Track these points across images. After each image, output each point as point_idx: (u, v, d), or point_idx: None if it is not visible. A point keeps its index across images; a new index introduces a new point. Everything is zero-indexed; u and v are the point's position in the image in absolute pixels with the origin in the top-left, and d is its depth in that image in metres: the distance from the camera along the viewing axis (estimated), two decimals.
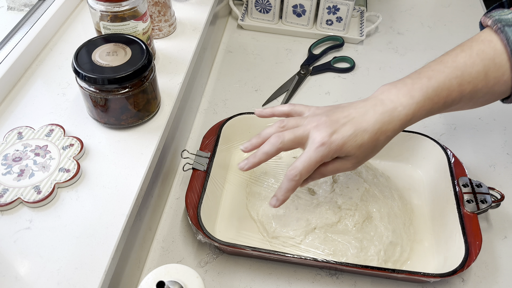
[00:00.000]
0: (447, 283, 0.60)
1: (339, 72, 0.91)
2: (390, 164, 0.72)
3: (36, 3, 0.71)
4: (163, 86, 0.64)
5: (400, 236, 0.61)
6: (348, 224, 0.61)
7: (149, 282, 0.46)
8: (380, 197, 0.64)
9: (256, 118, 0.70)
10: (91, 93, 0.54)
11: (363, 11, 1.03)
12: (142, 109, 0.57)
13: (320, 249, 0.59)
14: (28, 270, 0.45)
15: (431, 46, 0.98)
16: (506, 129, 0.80)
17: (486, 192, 0.62)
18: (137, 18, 0.61)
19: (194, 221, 0.57)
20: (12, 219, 0.49)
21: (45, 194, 0.50)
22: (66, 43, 0.70)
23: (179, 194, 0.69)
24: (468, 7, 1.10)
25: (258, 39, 0.99)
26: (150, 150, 0.56)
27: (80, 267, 0.45)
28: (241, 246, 0.56)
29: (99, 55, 0.54)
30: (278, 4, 0.97)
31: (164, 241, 0.63)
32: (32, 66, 0.66)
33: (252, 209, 0.65)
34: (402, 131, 0.69)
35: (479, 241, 0.57)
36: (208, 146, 0.66)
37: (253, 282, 0.59)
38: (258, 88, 0.87)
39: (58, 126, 0.57)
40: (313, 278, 0.60)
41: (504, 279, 0.61)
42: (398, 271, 0.55)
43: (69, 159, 0.53)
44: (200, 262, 0.61)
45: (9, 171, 0.51)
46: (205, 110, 0.82)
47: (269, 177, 0.67)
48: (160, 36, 0.73)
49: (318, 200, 0.63)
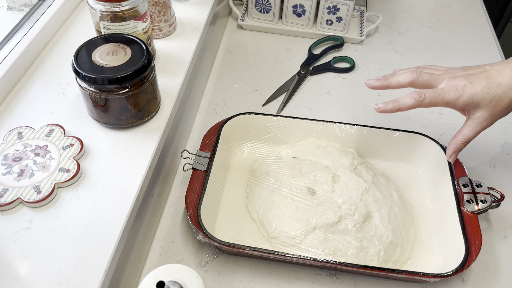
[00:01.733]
0: (447, 283, 0.60)
1: (339, 72, 0.91)
2: (390, 164, 0.72)
3: (36, 3, 0.71)
4: (163, 86, 0.64)
5: (400, 236, 0.61)
6: (348, 224, 0.61)
7: (149, 282, 0.46)
8: (380, 197, 0.64)
9: (256, 118, 0.71)
10: (91, 93, 0.54)
11: (363, 11, 1.03)
12: (142, 109, 0.57)
13: (320, 249, 0.59)
14: (28, 270, 0.45)
15: (431, 46, 0.98)
16: (506, 129, 0.80)
17: (486, 192, 0.62)
18: (137, 18, 0.61)
19: (194, 221, 0.57)
20: (12, 219, 0.49)
21: (45, 194, 0.50)
22: (66, 43, 0.70)
23: (179, 194, 0.69)
24: (468, 7, 1.10)
25: (258, 39, 0.99)
26: (150, 150, 0.56)
27: (80, 267, 0.45)
28: (241, 246, 0.56)
29: (99, 55, 0.54)
30: (278, 4, 0.97)
31: (164, 241, 0.63)
32: (32, 66, 0.66)
33: (252, 209, 0.65)
34: (402, 131, 0.70)
35: (479, 241, 0.57)
36: (208, 146, 0.66)
37: (253, 282, 0.59)
38: (258, 88, 0.87)
39: (58, 126, 0.57)
40: (313, 278, 0.60)
41: (504, 279, 0.61)
42: (398, 271, 0.55)
43: (69, 159, 0.53)
44: (200, 262, 0.61)
45: (9, 171, 0.51)
46: (205, 110, 0.82)
47: (269, 177, 0.67)
48: (160, 36, 0.73)
49: (318, 200, 0.63)
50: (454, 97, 0.56)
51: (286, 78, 0.88)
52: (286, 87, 0.86)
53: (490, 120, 0.58)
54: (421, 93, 0.57)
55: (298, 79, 0.88)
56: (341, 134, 0.71)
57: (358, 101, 0.85)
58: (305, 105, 0.84)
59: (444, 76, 0.58)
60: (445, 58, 0.95)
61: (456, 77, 0.57)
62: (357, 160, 0.69)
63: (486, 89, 0.56)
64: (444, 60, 0.94)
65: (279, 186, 0.65)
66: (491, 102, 0.56)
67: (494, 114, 0.57)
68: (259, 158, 0.72)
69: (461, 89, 0.56)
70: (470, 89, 0.56)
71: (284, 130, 0.72)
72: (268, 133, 0.72)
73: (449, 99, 0.57)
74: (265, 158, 0.71)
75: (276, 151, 0.73)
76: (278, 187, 0.65)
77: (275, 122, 0.71)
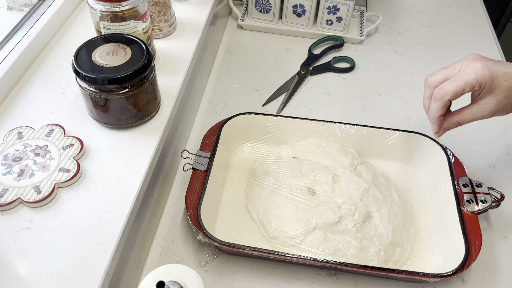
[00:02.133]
0: (447, 283, 0.60)
1: (339, 72, 0.91)
2: (390, 164, 0.72)
3: (36, 3, 0.71)
4: (163, 86, 0.64)
5: (400, 236, 0.61)
6: (348, 224, 0.61)
7: (149, 282, 0.46)
8: (380, 197, 0.64)
9: (256, 118, 0.71)
10: (91, 93, 0.54)
11: (363, 11, 1.03)
12: (142, 109, 0.57)
13: (320, 249, 0.59)
14: (28, 270, 0.45)
15: (431, 46, 0.98)
16: (506, 129, 0.80)
17: (486, 192, 0.62)
18: (137, 18, 0.61)
19: (194, 221, 0.57)
20: (12, 219, 0.49)
21: (45, 194, 0.50)
22: (66, 43, 0.70)
23: (179, 194, 0.69)
24: (468, 7, 1.10)
25: (258, 39, 0.99)
26: (150, 150, 0.56)
27: (80, 267, 0.45)
28: (241, 246, 0.56)
29: (99, 55, 0.54)
30: (278, 4, 0.97)
31: (164, 241, 0.63)
32: (32, 66, 0.66)
33: (252, 209, 0.65)
34: (402, 131, 0.70)
35: (479, 241, 0.57)
36: (208, 146, 0.66)
37: (253, 282, 0.59)
38: (258, 88, 0.87)
39: (58, 126, 0.57)
40: (313, 278, 0.60)
41: (504, 279, 0.61)
42: (398, 271, 0.55)
43: (69, 159, 0.53)
44: (200, 262, 0.61)
45: (9, 171, 0.51)
46: (205, 110, 0.82)
47: (269, 177, 0.67)
48: (160, 36, 0.73)
49: (318, 200, 0.63)
50: (474, 76, 0.55)
51: (286, 78, 0.88)
52: (286, 87, 0.86)
53: (494, 111, 0.57)
54: (440, 88, 0.56)
55: (298, 79, 0.88)
56: (341, 134, 0.71)
57: (358, 101, 0.85)
58: (305, 105, 0.84)
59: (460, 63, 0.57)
60: (445, 58, 0.95)
61: (475, 59, 0.56)
62: (357, 160, 0.69)
63: (505, 76, 0.55)
64: (444, 60, 0.94)
65: (279, 186, 0.65)
66: (505, 92, 0.55)
67: (501, 106, 0.56)
68: (259, 158, 0.72)
69: (481, 70, 0.54)
70: (492, 71, 0.54)
71: (284, 130, 0.72)
72: (268, 133, 0.72)
73: (468, 79, 0.55)
74: (265, 158, 0.71)
75: (276, 151, 0.73)
76: (278, 187, 0.65)
77: (275, 122, 0.71)
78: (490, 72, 0.54)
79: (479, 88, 0.55)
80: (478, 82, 0.55)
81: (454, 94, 0.56)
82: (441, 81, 0.57)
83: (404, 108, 0.84)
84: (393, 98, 0.86)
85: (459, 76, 0.56)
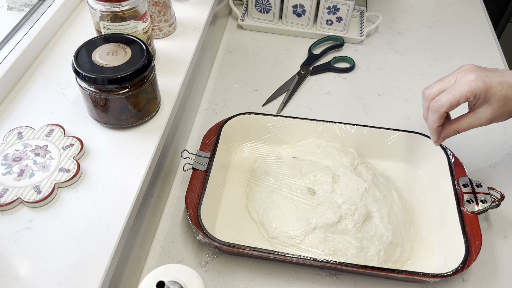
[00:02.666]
0: (447, 283, 0.60)
1: (339, 72, 0.91)
2: (390, 164, 0.72)
3: (36, 3, 0.71)
4: (163, 86, 0.64)
5: (400, 236, 0.61)
6: (348, 224, 0.61)
7: (149, 282, 0.46)
8: (380, 197, 0.64)
9: (256, 118, 0.71)
10: (91, 93, 0.54)
11: (363, 11, 1.03)
12: (142, 109, 0.57)
13: (320, 249, 0.59)
14: (28, 270, 0.45)
15: (431, 46, 0.98)
16: (506, 129, 0.80)
17: (486, 192, 0.62)
18: (137, 18, 0.61)
19: (194, 221, 0.57)
20: (12, 219, 0.49)
21: (45, 194, 0.50)
22: (66, 43, 0.70)
23: (179, 194, 0.69)
24: (468, 7, 1.10)
25: (258, 39, 0.99)
26: (150, 150, 0.56)
27: (80, 267, 0.45)
28: (241, 246, 0.56)
29: (99, 55, 0.54)
30: (278, 4, 0.97)
31: (164, 241, 0.63)
32: (32, 66, 0.66)
33: (252, 209, 0.65)
34: (402, 131, 0.70)
35: (479, 241, 0.57)
36: (208, 146, 0.66)
37: (253, 282, 0.59)
38: (258, 88, 0.87)
39: (58, 126, 0.57)
40: (313, 278, 0.60)
41: (504, 279, 0.61)
42: (398, 271, 0.55)
43: (69, 159, 0.53)
44: (200, 262, 0.61)
45: (9, 171, 0.51)
46: (205, 110, 0.82)
47: (269, 177, 0.67)
48: (160, 36, 0.73)
49: (318, 200, 0.63)
50: (468, 88, 0.56)
51: (286, 78, 0.88)
52: (286, 87, 0.86)
53: (490, 119, 0.58)
54: (436, 101, 0.57)
55: (298, 79, 0.88)
56: (341, 134, 0.71)
57: (358, 101, 0.85)
58: (305, 105, 0.84)
59: (455, 75, 0.58)
60: (445, 58, 0.95)
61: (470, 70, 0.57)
62: (357, 160, 0.69)
63: (500, 86, 0.55)
64: (444, 60, 0.94)
65: (279, 186, 0.65)
66: (500, 101, 0.56)
67: (497, 114, 0.57)
68: (259, 158, 0.72)
69: (475, 81, 0.55)
70: (486, 82, 0.55)
71: (284, 130, 0.72)
72: (268, 133, 0.72)
73: (463, 91, 0.56)
74: (265, 158, 0.71)
75: (276, 151, 0.73)
76: (278, 187, 0.65)
77: (275, 122, 0.71)
78: (484, 83, 0.55)
79: (474, 99, 0.56)
80: (473, 94, 0.56)
81: (450, 106, 0.57)
82: (437, 93, 0.58)
83: (404, 108, 0.84)
84: (393, 98, 0.86)
85: (453, 88, 0.57)
